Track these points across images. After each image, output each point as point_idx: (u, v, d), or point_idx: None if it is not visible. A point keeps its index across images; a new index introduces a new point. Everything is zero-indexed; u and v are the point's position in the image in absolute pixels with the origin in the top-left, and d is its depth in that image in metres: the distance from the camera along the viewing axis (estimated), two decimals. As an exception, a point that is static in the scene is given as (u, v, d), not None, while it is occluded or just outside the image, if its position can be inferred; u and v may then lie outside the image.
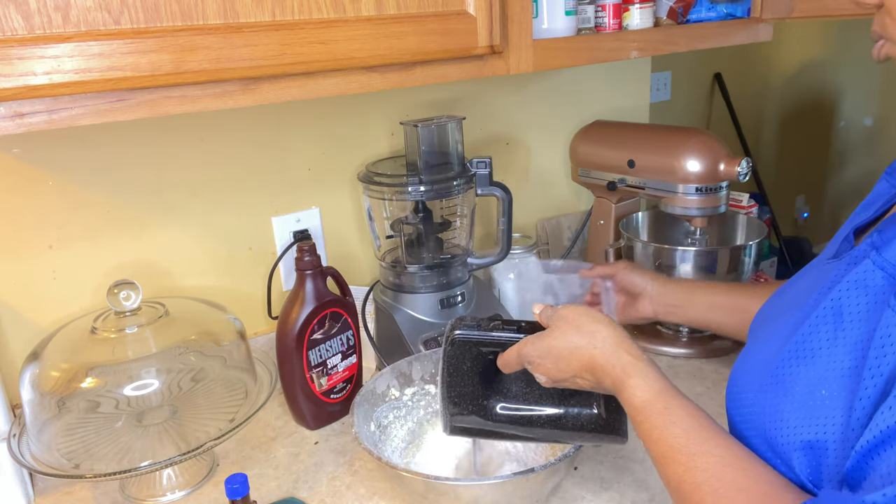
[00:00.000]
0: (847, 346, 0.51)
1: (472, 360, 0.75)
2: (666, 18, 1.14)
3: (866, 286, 0.52)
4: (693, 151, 1.09)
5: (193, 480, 0.91)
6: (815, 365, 0.53)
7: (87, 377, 0.84)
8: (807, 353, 0.54)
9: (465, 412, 0.76)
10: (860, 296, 0.52)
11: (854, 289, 0.53)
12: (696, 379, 1.09)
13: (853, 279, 0.53)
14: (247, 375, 0.95)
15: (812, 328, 0.54)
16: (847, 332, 0.52)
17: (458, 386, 0.76)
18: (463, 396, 0.76)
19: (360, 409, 0.86)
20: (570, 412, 0.74)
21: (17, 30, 0.61)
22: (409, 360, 0.96)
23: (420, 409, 0.96)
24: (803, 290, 0.61)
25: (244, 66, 0.72)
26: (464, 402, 0.76)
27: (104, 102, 0.68)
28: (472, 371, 0.75)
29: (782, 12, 1.16)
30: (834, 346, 0.52)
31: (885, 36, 0.56)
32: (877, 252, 0.52)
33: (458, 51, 0.87)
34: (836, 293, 0.54)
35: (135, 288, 0.88)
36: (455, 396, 0.76)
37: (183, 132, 1.06)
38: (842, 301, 0.53)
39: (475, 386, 0.76)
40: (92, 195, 1.01)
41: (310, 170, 1.18)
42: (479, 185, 1.11)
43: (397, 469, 0.75)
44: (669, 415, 0.60)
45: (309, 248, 0.98)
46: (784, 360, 0.56)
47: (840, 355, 0.51)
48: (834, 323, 0.53)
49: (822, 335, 0.53)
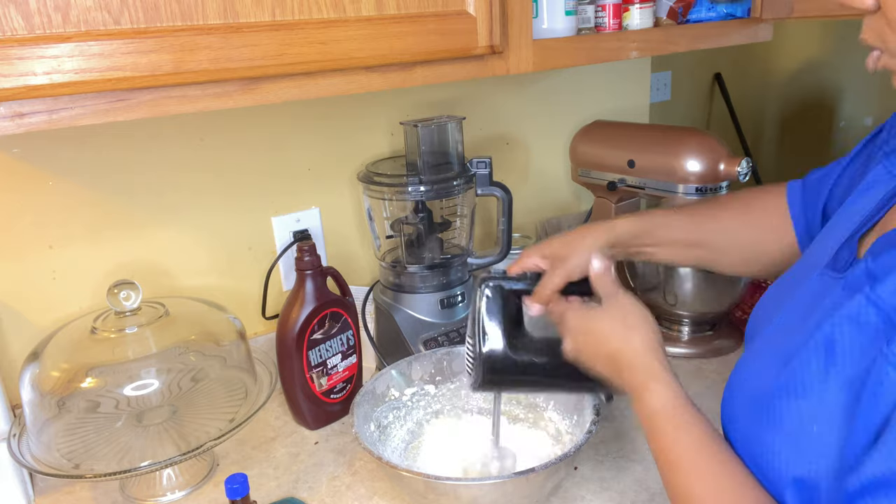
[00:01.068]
0: (839, 383, 0.49)
1: (499, 309, 0.76)
2: (666, 18, 1.14)
3: (859, 323, 0.50)
4: (693, 151, 1.09)
5: (193, 480, 0.91)
6: (806, 400, 0.51)
7: (87, 377, 0.84)
8: (797, 388, 0.52)
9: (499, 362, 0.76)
10: (853, 332, 0.50)
11: (847, 324, 0.51)
12: (697, 379, 1.09)
13: (846, 314, 0.51)
14: (247, 375, 0.95)
15: (804, 362, 0.53)
16: (839, 369, 0.50)
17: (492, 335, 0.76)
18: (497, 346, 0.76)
19: (359, 409, 0.86)
20: None
21: (17, 30, 0.61)
22: (409, 360, 0.96)
23: (420, 410, 0.96)
24: (801, 303, 0.59)
25: (244, 66, 0.72)
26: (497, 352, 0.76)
27: (104, 102, 0.68)
28: (502, 320, 0.76)
29: (782, 12, 1.16)
30: (825, 383, 0.50)
31: (880, 47, 0.52)
32: (871, 286, 0.50)
33: (458, 51, 0.87)
34: (828, 327, 0.52)
35: (135, 288, 0.88)
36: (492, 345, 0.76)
37: (183, 132, 1.06)
38: (834, 336, 0.51)
39: (504, 334, 0.76)
40: (92, 195, 1.01)
41: (310, 170, 1.18)
42: (479, 185, 1.11)
43: (398, 469, 0.75)
44: (683, 424, 0.60)
45: (309, 248, 0.98)
46: (775, 393, 0.54)
47: (831, 392, 0.50)
48: (826, 358, 0.51)
49: (814, 370, 0.52)
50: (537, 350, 0.77)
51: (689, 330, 1.20)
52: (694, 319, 1.20)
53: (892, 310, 0.48)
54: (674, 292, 1.15)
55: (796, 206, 0.80)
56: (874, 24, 0.51)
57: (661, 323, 1.23)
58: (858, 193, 0.64)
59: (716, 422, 0.62)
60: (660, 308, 1.20)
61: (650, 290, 1.18)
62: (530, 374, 0.77)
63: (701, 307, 1.17)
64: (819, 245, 0.64)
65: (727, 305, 1.19)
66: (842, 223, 0.63)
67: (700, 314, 1.19)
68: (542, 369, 0.77)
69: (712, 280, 1.13)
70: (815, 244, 0.66)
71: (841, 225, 0.63)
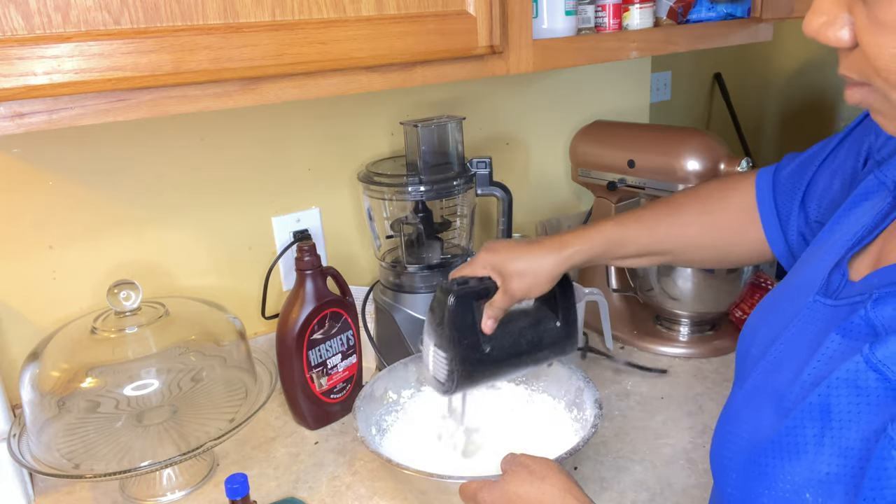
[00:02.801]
0: (834, 450, 0.46)
1: (469, 314, 0.80)
2: (666, 18, 1.14)
3: (857, 387, 0.47)
4: (693, 151, 1.09)
5: (193, 480, 0.91)
6: (799, 463, 0.48)
7: (87, 377, 0.84)
8: (791, 449, 0.49)
9: (472, 362, 0.80)
10: (850, 396, 0.47)
11: (844, 388, 0.47)
12: (696, 379, 1.09)
13: (843, 377, 0.48)
14: (247, 375, 0.95)
15: (798, 422, 0.50)
16: (835, 434, 0.47)
17: (464, 339, 0.79)
18: (469, 348, 0.80)
19: (360, 412, 0.86)
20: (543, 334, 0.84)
21: (17, 30, 0.61)
22: (405, 361, 0.96)
23: (418, 410, 0.96)
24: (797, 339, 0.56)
25: (244, 66, 0.72)
26: (470, 353, 0.80)
27: (104, 102, 0.68)
28: (472, 323, 0.80)
29: (782, 12, 1.16)
30: (820, 447, 0.47)
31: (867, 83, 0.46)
32: (871, 347, 0.47)
33: (458, 51, 0.87)
34: (823, 389, 0.49)
35: (135, 288, 0.88)
36: (463, 349, 0.79)
37: (183, 132, 1.06)
38: (830, 400, 0.48)
39: (475, 336, 0.80)
40: (92, 195, 1.01)
41: (310, 170, 1.18)
42: (479, 185, 1.11)
43: (407, 469, 0.74)
44: None
45: (309, 248, 0.98)
46: (768, 451, 0.51)
47: (826, 458, 0.47)
48: (821, 421, 0.48)
49: (808, 432, 0.49)
50: (498, 346, 0.81)
51: (689, 330, 1.20)
52: (693, 319, 1.20)
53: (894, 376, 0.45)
54: (673, 292, 1.15)
55: (766, 203, 0.77)
56: (854, 60, 0.46)
57: (661, 323, 1.23)
58: (849, 206, 0.62)
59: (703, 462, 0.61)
60: (660, 308, 1.20)
61: (650, 291, 1.18)
62: (495, 367, 0.82)
63: (700, 307, 1.17)
64: (809, 265, 0.61)
65: (727, 305, 1.19)
66: (832, 240, 0.60)
67: (700, 314, 1.19)
68: (504, 360, 0.83)
69: (712, 280, 1.14)
70: (805, 261, 0.63)
71: (831, 242, 0.60)
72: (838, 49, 0.47)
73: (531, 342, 0.84)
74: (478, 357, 0.80)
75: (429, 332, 0.82)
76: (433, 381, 0.83)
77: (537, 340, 0.84)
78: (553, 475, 0.66)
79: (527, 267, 0.80)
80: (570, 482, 0.66)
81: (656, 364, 1.14)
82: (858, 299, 0.51)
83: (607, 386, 1.09)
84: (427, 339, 0.82)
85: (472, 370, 0.80)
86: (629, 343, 1.22)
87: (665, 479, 0.88)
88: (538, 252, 0.81)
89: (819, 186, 0.72)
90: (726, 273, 1.14)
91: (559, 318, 0.85)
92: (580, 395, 0.88)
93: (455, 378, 0.80)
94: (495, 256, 0.81)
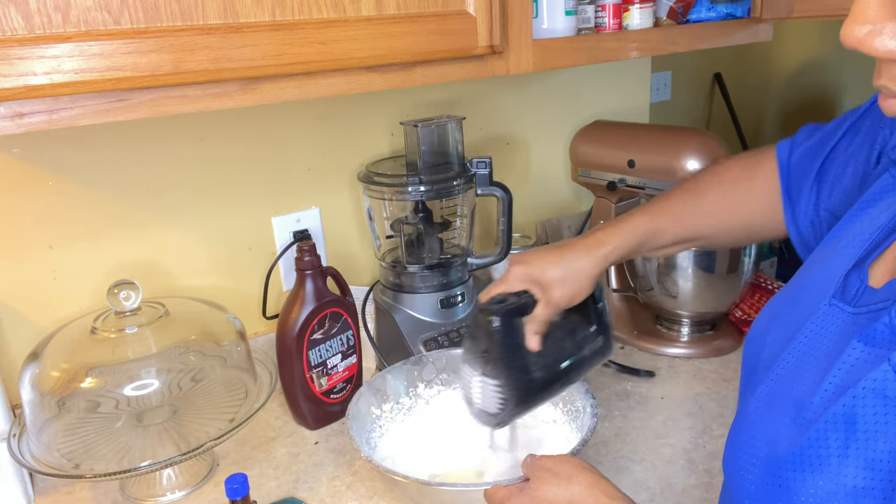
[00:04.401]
0: (860, 462, 0.45)
1: (514, 334, 0.75)
2: (666, 18, 1.14)
3: (885, 397, 0.45)
4: (693, 151, 1.09)
5: (193, 480, 0.91)
6: (822, 476, 0.47)
7: (87, 377, 0.84)
8: (813, 461, 0.48)
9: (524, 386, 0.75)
10: (877, 406, 0.45)
11: (871, 397, 0.46)
12: (696, 379, 1.09)
13: (870, 386, 0.46)
14: (247, 375, 0.95)
15: (821, 433, 0.48)
16: (861, 445, 0.45)
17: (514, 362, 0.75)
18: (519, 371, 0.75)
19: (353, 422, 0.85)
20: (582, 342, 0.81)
21: (17, 30, 0.61)
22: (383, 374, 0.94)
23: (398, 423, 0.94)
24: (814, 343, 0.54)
25: (244, 66, 0.72)
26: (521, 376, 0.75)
27: (104, 102, 0.68)
28: (518, 344, 0.75)
29: (782, 12, 1.16)
30: (845, 458, 0.46)
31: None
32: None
33: (458, 51, 0.87)
34: (849, 399, 0.47)
35: (135, 288, 0.88)
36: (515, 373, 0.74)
37: (183, 132, 1.06)
38: (856, 410, 0.46)
39: (522, 357, 0.75)
40: (92, 195, 1.01)
41: (310, 170, 1.18)
42: (479, 185, 1.11)
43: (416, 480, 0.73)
44: None
45: (309, 248, 0.98)
46: (789, 463, 0.50)
47: (851, 470, 0.45)
48: (846, 432, 0.46)
49: (832, 444, 0.47)
50: (544, 364, 0.77)
51: (689, 330, 1.20)
52: (693, 319, 1.20)
53: None
54: (673, 292, 1.15)
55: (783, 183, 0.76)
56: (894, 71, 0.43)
57: (661, 323, 1.23)
58: (862, 205, 0.60)
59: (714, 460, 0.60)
60: (660, 308, 1.20)
61: (650, 291, 1.18)
62: (546, 386, 0.78)
63: (701, 307, 1.17)
64: (822, 265, 0.60)
65: (727, 305, 1.19)
66: (846, 240, 0.58)
67: (700, 314, 1.19)
68: (553, 377, 0.78)
69: (712, 280, 1.14)
70: (817, 261, 0.62)
71: (845, 242, 0.58)
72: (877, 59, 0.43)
73: (573, 353, 0.79)
74: (528, 379, 0.75)
75: (471, 361, 0.76)
76: (482, 415, 0.78)
77: (577, 349, 0.80)
78: (578, 472, 0.66)
79: (566, 273, 0.77)
80: (596, 476, 0.65)
81: (656, 364, 1.14)
82: (882, 306, 0.49)
83: (607, 386, 1.09)
84: (470, 369, 0.76)
85: (525, 395, 0.75)
86: (629, 343, 1.22)
87: (665, 479, 0.88)
88: (573, 255, 0.78)
89: (831, 173, 0.70)
90: (726, 273, 1.14)
91: (593, 322, 0.82)
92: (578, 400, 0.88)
93: (509, 407, 0.75)
94: (530, 268, 0.77)
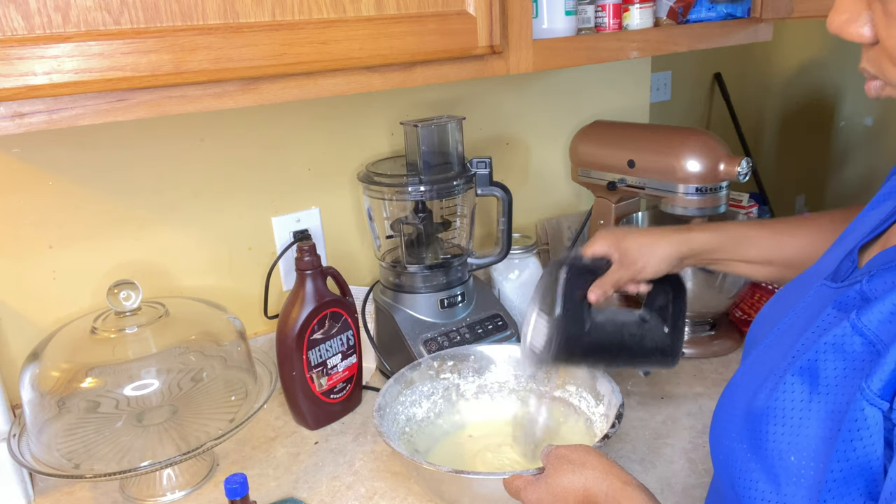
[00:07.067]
0: (820, 414, 0.48)
1: (578, 287, 0.80)
2: (666, 18, 1.14)
3: (843, 351, 0.48)
4: (693, 151, 1.09)
5: (193, 480, 0.91)
6: (785, 428, 0.50)
7: (87, 377, 0.84)
8: (779, 414, 0.51)
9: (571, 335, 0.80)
10: (836, 360, 0.48)
11: (831, 353, 0.49)
12: (696, 379, 1.09)
13: (831, 342, 0.49)
14: (247, 375, 0.95)
15: (787, 388, 0.51)
16: (821, 398, 0.48)
17: (569, 307, 0.80)
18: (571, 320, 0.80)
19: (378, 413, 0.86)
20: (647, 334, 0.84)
21: (17, 30, 0.61)
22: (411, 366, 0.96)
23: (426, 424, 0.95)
24: (799, 316, 0.58)
25: (244, 66, 0.72)
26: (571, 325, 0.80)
27: (104, 102, 0.68)
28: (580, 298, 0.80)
29: (782, 12, 1.16)
30: (807, 412, 0.49)
31: (881, 78, 0.50)
32: (857, 313, 0.48)
33: (458, 51, 0.87)
34: (813, 354, 0.50)
35: (135, 288, 0.88)
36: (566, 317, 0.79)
37: (183, 132, 1.06)
38: (818, 364, 0.49)
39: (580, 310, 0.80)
40: (92, 195, 1.01)
41: (310, 170, 1.18)
42: (479, 185, 1.11)
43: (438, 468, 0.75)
44: None
45: (309, 248, 0.98)
46: (759, 415, 0.53)
47: (812, 422, 0.48)
48: (809, 386, 0.50)
49: (797, 398, 0.50)
50: (601, 329, 0.82)
51: (689, 330, 1.20)
52: (694, 319, 1.20)
53: (876, 339, 0.46)
54: (674, 292, 1.15)
55: None
56: (873, 55, 0.49)
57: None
58: (872, 204, 0.63)
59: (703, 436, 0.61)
60: (660, 308, 1.20)
61: (650, 290, 1.18)
62: (592, 350, 0.82)
63: (701, 307, 1.17)
64: (828, 254, 0.63)
65: (727, 305, 1.19)
66: (851, 233, 0.62)
67: (700, 314, 1.19)
68: (603, 345, 0.83)
69: (712, 280, 1.13)
70: (826, 253, 0.65)
71: (850, 235, 0.61)
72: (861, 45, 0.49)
73: (633, 338, 0.83)
74: (578, 331, 0.80)
75: (534, 298, 0.82)
76: (528, 353, 0.83)
77: (639, 339, 0.83)
78: (592, 459, 0.67)
79: (644, 242, 0.82)
80: (610, 462, 0.66)
81: (656, 364, 1.15)
82: (859, 279, 0.52)
83: (607, 386, 1.09)
84: (531, 306, 0.83)
85: (570, 343, 0.80)
86: (629, 343, 1.22)
87: (665, 479, 0.88)
88: (657, 232, 0.84)
89: None
90: (726, 273, 1.14)
91: (668, 325, 0.84)
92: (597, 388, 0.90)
93: (552, 347, 0.79)
94: (613, 233, 0.84)
